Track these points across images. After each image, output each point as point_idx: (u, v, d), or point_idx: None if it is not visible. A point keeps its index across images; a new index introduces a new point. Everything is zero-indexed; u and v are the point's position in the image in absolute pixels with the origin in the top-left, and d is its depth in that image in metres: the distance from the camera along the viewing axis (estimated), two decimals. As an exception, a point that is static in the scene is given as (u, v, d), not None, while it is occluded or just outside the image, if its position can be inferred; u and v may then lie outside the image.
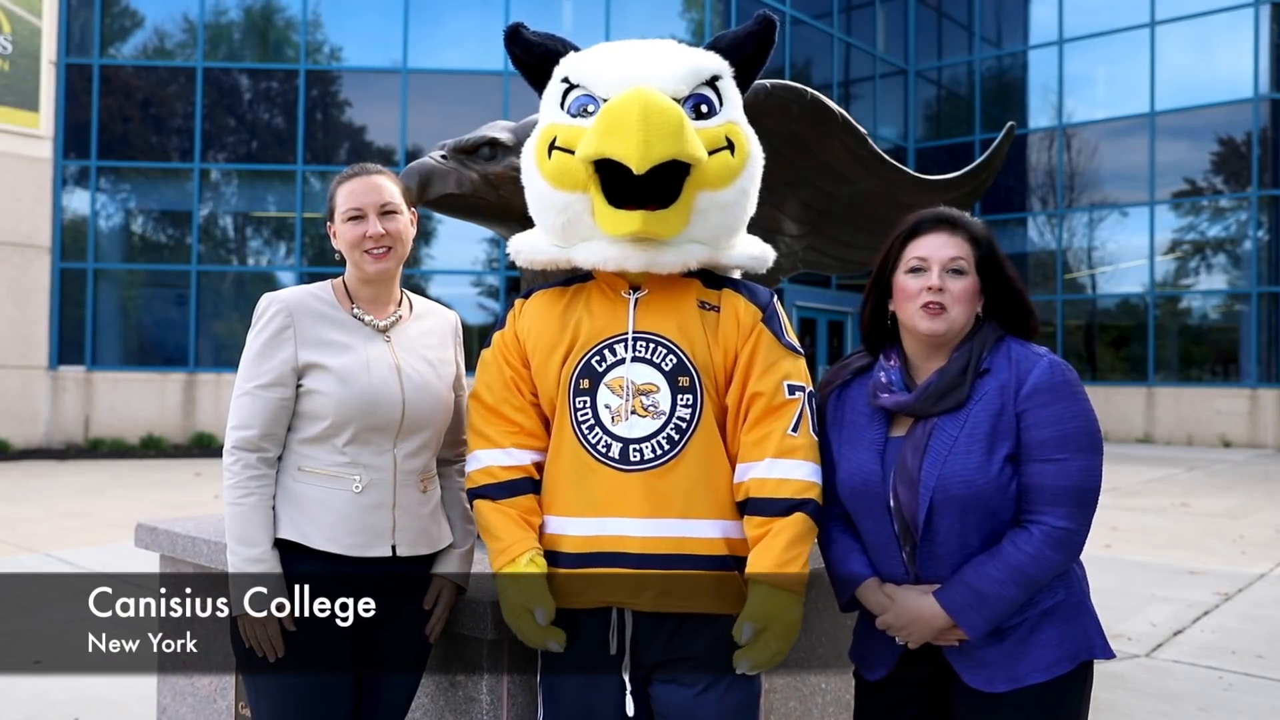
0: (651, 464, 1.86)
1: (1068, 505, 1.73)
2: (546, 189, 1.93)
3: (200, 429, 14.76)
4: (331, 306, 2.02)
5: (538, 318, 1.98)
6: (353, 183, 2.01)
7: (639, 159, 1.72)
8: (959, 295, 1.80)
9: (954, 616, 1.74)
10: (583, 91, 1.92)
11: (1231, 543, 7.75)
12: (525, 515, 1.93)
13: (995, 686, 1.77)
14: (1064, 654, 1.77)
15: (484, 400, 2.00)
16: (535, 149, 1.96)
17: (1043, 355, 1.80)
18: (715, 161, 1.87)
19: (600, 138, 1.76)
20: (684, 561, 1.85)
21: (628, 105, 1.75)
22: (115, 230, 15.61)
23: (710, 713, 1.84)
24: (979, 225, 1.87)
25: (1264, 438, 17.38)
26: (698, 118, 1.89)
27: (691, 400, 1.88)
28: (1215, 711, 3.91)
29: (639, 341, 1.90)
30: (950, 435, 1.76)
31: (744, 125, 1.98)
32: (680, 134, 1.75)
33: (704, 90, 1.91)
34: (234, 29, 15.77)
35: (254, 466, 1.93)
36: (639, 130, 1.72)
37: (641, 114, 1.73)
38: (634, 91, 1.78)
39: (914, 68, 21.73)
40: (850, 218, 3.46)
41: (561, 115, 1.94)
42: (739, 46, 1.99)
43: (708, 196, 1.88)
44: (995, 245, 1.86)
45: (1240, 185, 18.18)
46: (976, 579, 1.74)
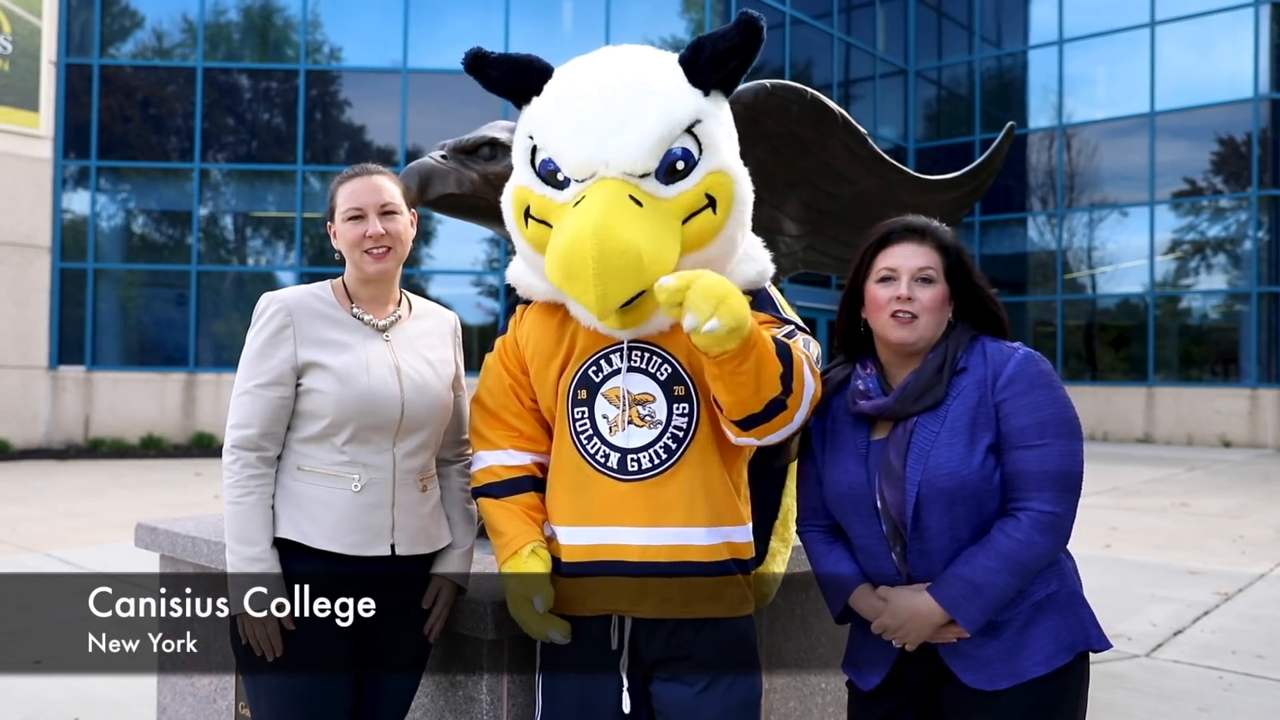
0: (650, 473, 1.86)
1: (1052, 490, 1.74)
2: (529, 252, 1.92)
3: (200, 429, 14.76)
4: (331, 306, 2.02)
5: (536, 326, 1.99)
6: (353, 183, 2.02)
7: (599, 309, 1.70)
8: (928, 304, 1.82)
9: (950, 610, 1.74)
10: (549, 156, 1.83)
11: (1231, 543, 7.75)
12: (528, 511, 1.94)
13: (996, 684, 1.77)
14: (1061, 645, 1.78)
15: (485, 404, 2.02)
16: (513, 209, 1.92)
17: (1017, 348, 1.83)
18: (693, 227, 1.80)
19: (561, 279, 1.72)
20: (684, 569, 1.85)
21: (582, 255, 1.66)
22: (115, 230, 15.61)
23: (711, 711, 1.84)
24: (947, 233, 1.89)
25: (1264, 438, 17.38)
26: (671, 178, 1.78)
27: (688, 409, 1.88)
28: (1215, 711, 3.91)
29: (634, 351, 1.90)
30: (931, 431, 1.78)
31: (727, 164, 1.85)
32: (638, 273, 1.67)
33: (682, 141, 1.78)
34: (234, 29, 15.77)
35: (253, 465, 1.93)
36: (596, 283, 1.66)
37: (597, 265, 1.65)
38: (588, 236, 1.66)
39: (914, 68, 21.73)
40: (850, 218, 3.46)
41: (532, 177, 1.87)
42: (719, 63, 1.81)
43: (691, 257, 1.81)
44: (964, 252, 1.88)
45: (1240, 185, 18.18)
46: (969, 570, 1.74)
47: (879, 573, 1.86)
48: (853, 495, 1.85)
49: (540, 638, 1.89)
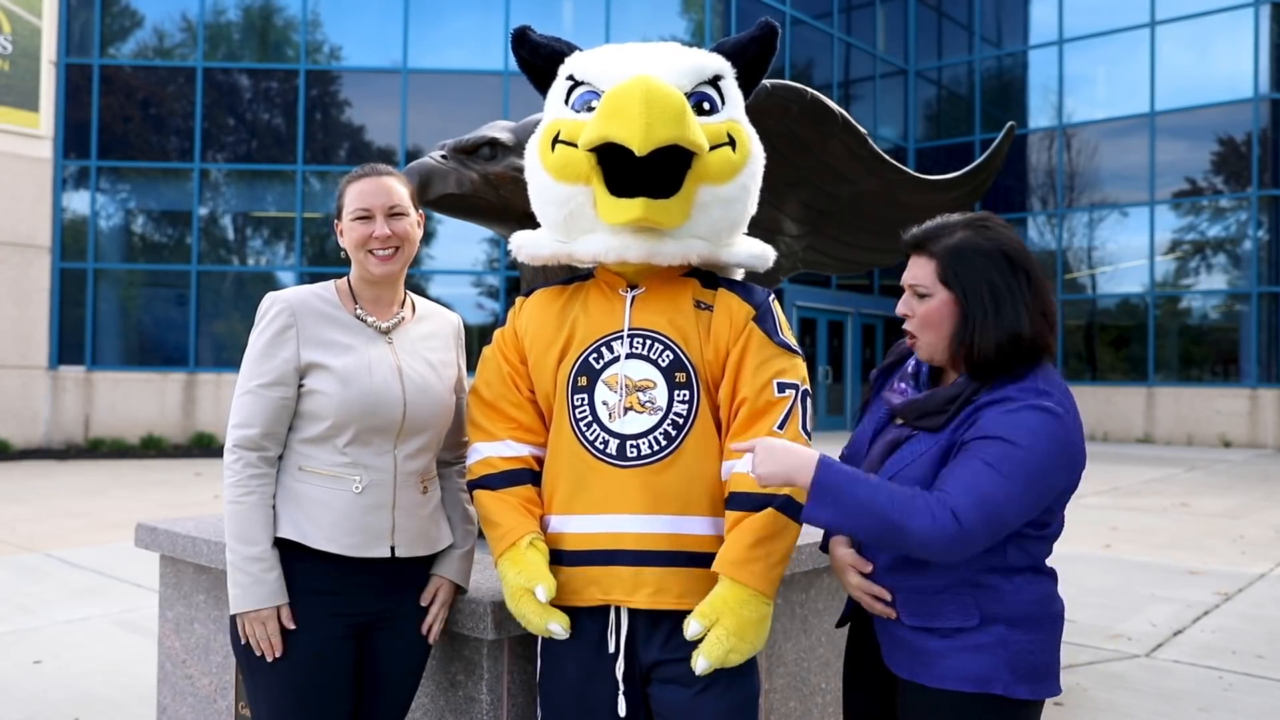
0: (649, 459, 1.86)
1: (968, 496, 1.60)
2: (549, 182, 1.94)
3: (200, 429, 14.77)
4: (334, 307, 2.02)
5: (536, 315, 2.00)
6: (362, 183, 2.02)
7: (641, 141, 1.72)
8: (924, 320, 1.76)
9: (809, 487, 1.64)
10: (588, 88, 1.93)
11: (1231, 543, 7.75)
12: (525, 503, 1.94)
13: (899, 672, 1.79)
14: (965, 675, 1.70)
15: (482, 396, 2.02)
16: (539, 143, 1.98)
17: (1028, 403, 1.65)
18: (717, 156, 1.88)
19: (603, 122, 1.76)
20: (680, 559, 1.86)
21: (631, 89, 1.75)
22: (115, 230, 15.61)
23: (708, 713, 1.84)
24: (948, 241, 1.74)
25: (1264, 438, 17.38)
26: (700, 114, 1.89)
27: (688, 396, 1.89)
28: (1215, 711, 3.91)
29: (635, 338, 1.91)
30: (915, 452, 1.76)
31: (746, 124, 2.00)
32: (682, 119, 1.76)
33: (706, 89, 1.93)
34: (234, 29, 15.77)
35: (255, 465, 1.93)
36: (642, 114, 1.72)
37: (644, 97, 1.73)
38: (638, 77, 1.78)
39: (914, 68, 21.74)
40: (850, 218, 3.46)
41: (566, 111, 1.95)
42: (742, 50, 2.02)
43: (709, 190, 1.88)
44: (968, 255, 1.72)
45: (1240, 185, 18.19)
46: (854, 483, 1.64)
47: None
48: (853, 457, 1.95)
49: (540, 631, 1.89)
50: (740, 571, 1.79)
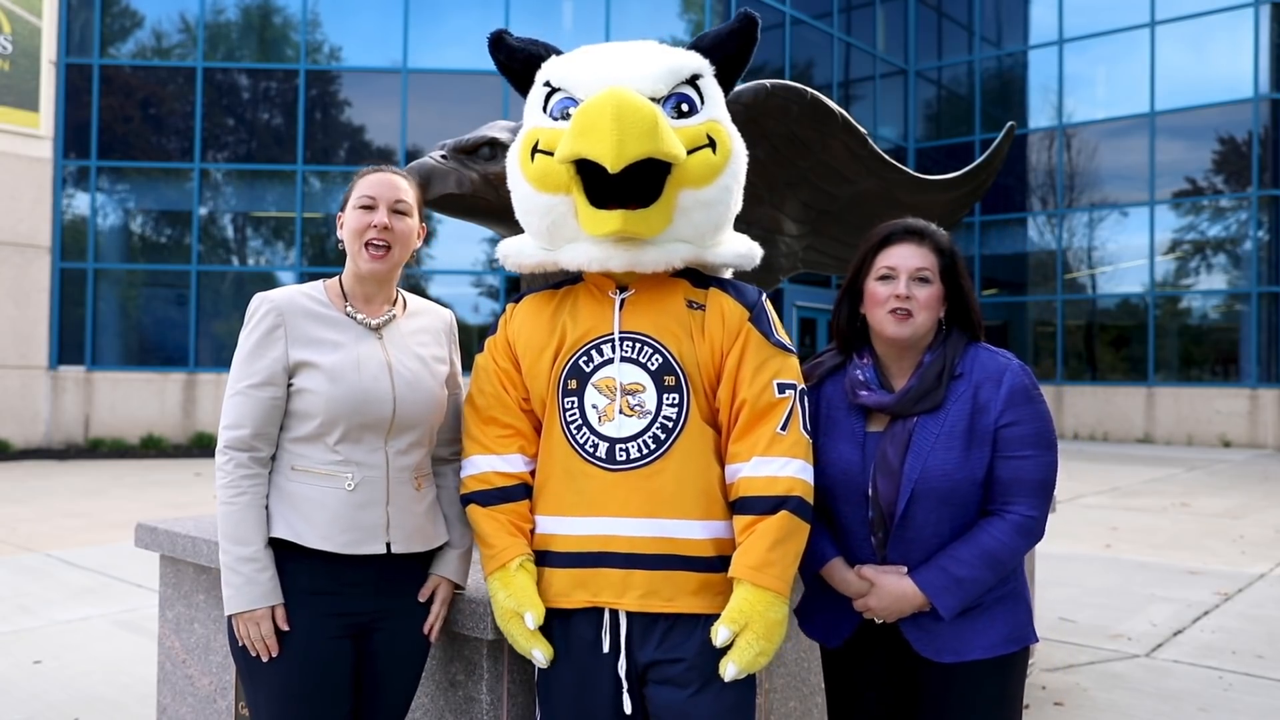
0: (638, 463, 1.86)
1: (1034, 496, 1.90)
2: (530, 192, 1.94)
3: (200, 429, 14.77)
4: (323, 305, 2.03)
5: (527, 320, 2.00)
6: (373, 175, 2.05)
7: (613, 158, 1.72)
8: (924, 302, 1.94)
9: (932, 598, 1.88)
10: (564, 95, 1.93)
11: (1231, 543, 7.75)
12: (516, 521, 1.95)
13: (942, 658, 1.92)
14: (1003, 637, 1.93)
15: (477, 404, 2.02)
16: (519, 152, 1.98)
17: (1010, 360, 1.97)
18: (696, 159, 1.87)
19: (576, 139, 1.76)
20: (670, 562, 1.85)
21: (601, 105, 1.74)
22: (115, 230, 15.61)
23: (705, 713, 1.84)
24: (944, 237, 2.02)
25: (1264, 438, 17.38)
26: (678, 116, 1.89)
27: (678, 399, 1.88)
28: (1215, 711, 3.91)
29: (625, 341, 1.91)
30: (932, 434, 1.90)
31: (726, 123, 1.98)
32: (655, 133, 1.74)
33: (684, 89, 1.91)
34: (233, 29, 15.77)
35: (246, 466, 1.93)
36: (613, 131, 1.71)
37: (615, 114, 1.72)
38: (608, 91, 1.77)
39: (914, 68, 21.73)
40: (850, 218, 3.46)
41: (543, 119, 1.95)
42: (720, 45, 1.99)
43: (690, 194, 1.88)
44: (958, 256, 2.01)
45: (1240, 185, 18.19)
46: (954, 564, 1.88)
47: (854, 552, 1.98)
48: (846, 480, 1.96)
49: (524, 654, 1.92)
50: (762, 576, 1.81)
